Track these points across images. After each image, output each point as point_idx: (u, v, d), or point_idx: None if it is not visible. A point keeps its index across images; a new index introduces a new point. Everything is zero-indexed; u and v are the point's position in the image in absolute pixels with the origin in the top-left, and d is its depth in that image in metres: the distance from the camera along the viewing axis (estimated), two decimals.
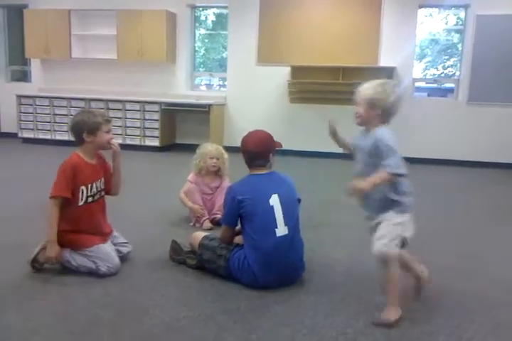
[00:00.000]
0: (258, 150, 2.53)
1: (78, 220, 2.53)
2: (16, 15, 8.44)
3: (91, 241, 2.53)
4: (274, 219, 2.39)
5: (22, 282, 2.40)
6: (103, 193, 2.68)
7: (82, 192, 2.52)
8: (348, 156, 2.67)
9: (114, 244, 2.67)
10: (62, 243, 2.49)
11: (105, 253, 2.51)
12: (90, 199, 2.57)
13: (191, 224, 3.52)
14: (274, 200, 2.42)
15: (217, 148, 3.64)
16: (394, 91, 2.24)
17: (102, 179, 2.66)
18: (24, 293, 2.28)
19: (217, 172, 3.62)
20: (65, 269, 2.53)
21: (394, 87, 2.26)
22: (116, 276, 2.50)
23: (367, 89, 2.24)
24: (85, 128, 2.52)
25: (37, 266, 2.51)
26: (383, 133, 2.28)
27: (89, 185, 2.55)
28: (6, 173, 5.41)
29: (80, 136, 2.53)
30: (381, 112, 2.26)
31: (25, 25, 7.97)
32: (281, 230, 2.40)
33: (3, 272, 2.52)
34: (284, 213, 2.42)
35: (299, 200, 2.60)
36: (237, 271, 2.42)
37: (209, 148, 3.64)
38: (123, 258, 2.68)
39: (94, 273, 2.48)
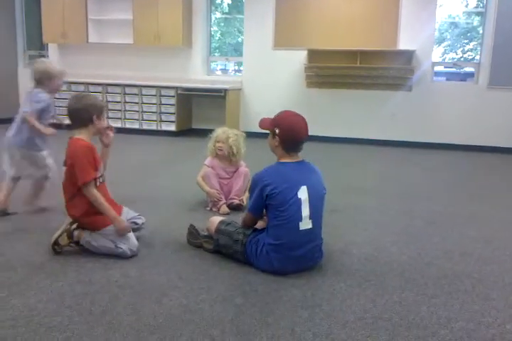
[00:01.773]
0: (307, 135, 2.42)
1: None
2: (33, 0, 8.46)
3: (108, 220, 2.56)
4: (300, 213, 2.33)
5: (43, 264, 2.44)
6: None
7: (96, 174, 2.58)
8: (363, 142, 2.64)
9: (128, 220, 2.69)
10: (83, 225, 2.55)
11: None
12: (100, 179, 2.63)
13: (208, 208, 3.54)
14: (303, 192, 2.34)
15: (225, 132, 3.61)
16: None
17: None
18: (44, 274, 2.32)
19: (227, 158, 3.61)
20: (85, 252, 2.57)
21: None
22: (134, 258, 2.54)
23: None
24: (95, 112, 2.56)
25: (57, 248, 2.55)
26: None
27: (99, 167, 2.62)
28: None
29: (88, 119, 2.56)
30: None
31: (42, 10, 7.97)
32: (305, 224, 2.34)
33: (25, 255, 2.57)
34: (310, 207, 2.35)
35: (325, 192, 2.51)
36: (254, 257, 2.42)
37: (218, 131, 3.65)
38: (139, 228, 2.78)
39: (113, 254, 2.52)
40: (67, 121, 2.75)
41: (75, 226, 2.57)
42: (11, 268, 2.36)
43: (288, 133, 2.39)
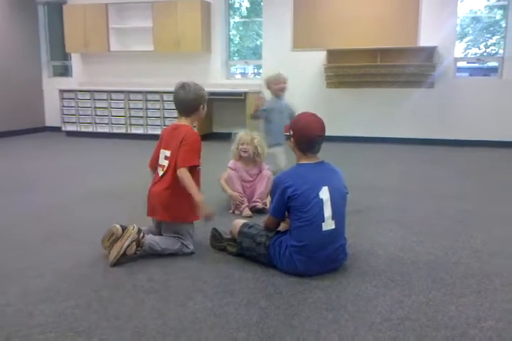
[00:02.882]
0: (322, 135, 2.42)
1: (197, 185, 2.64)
2: (56, 11, 8.66)
3: (195, 214, 2.62)
4: (322, 213, 2.31)
5: (70, 270, 2.48)
6: None
7: None
8: (386, 140, 2.61)
9: None
10: (178, 215, 2.65)
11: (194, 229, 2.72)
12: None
13: (230, 211, 3.55)
14: (324, 193, 2.33)
15: (248, 134, 3.65)
16: None
17: None
18: (72, 280, 2.36)
19: (253, 159, 3.62)
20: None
21: None
22: (158, 262, 2.56)
23: None
24: (204, 101, 2.74)
25: (122, 259, 2.52)
26: None
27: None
28: (55, 165, 5.60)
29: (197, 107, 2.73)
30: None
31: (64, 21, 8.16)
32: (328, 224, 2.33)
33: (52, 261, 2.62)
34: (332, 207, 2.33)
35: (346, 192, 2.49)
36: (277, 259, 2.42)
37: (241, 133, 3.67)
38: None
39: (178, 253, 2.64)
40: None
41: (142, 234, 2.56)
42: (39, 275, 2.41)
43: (300, 133, 2.42)
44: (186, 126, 2.69)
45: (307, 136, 2.40)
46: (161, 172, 2.66)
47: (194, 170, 2.63)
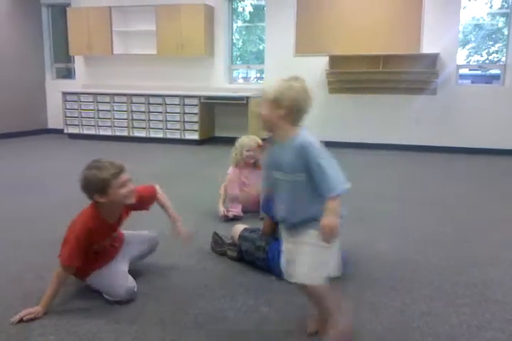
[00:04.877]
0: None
1: (88, 263, 2.20)
2: (59, 14, 8.69)
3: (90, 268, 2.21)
4: None
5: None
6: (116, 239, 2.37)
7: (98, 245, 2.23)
8: (387, 147, 2.60)
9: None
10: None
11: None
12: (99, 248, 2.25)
13: (221, 215, 3.48)
14: None
15: (254, 140, 3.61)
16: (303, 86, 1.74)
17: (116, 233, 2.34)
18: (73, 284, 2.34)
19: (255, 164, 3.61)
20: None
21: (301, 82, 1.75)
22: (159, 268, 2.55)
23: (270, 86, 1.75)
24: (94, 189, 2.10)
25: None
26: (306, 137, 1.72)
27: (101, 242, 2.24)
28: (57, 167, 5.60)
29: (92, 197, 2.14)
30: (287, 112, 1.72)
31: (68, 24, 8.19)
32: None
33: (53, 264, 2.61)
34: None
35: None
36: (276, 264, 2.40)
37: (245, 140, 3.63)
38: (153, 250, 2.55)
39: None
40: None
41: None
42: (38, 278, 2.41)
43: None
44: (85, 214, 2.19)
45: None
46: None
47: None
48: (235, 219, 3.43)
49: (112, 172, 2.09)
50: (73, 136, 8.12)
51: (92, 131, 8.09)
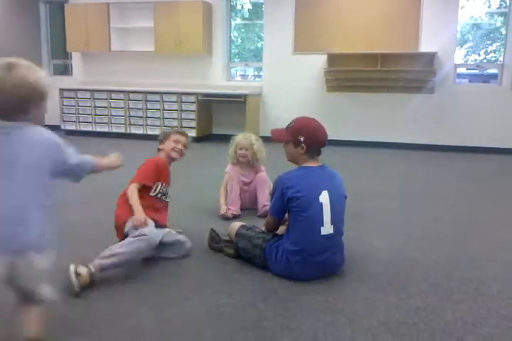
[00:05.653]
0: (326, 139, 2.43)
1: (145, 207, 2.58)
2: (57, 10, 8.67)
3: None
4: (322, 217, 2.31)
5: (67, 269, 2.47)
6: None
7: (157, 187, 2.73)
8: (385, 145, 2.62)
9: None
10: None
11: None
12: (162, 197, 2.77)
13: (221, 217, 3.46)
14: (324, 197, 2.32)
15: (247, 139, 3.59)
16: None
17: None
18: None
19: (249, 163, 3.61)
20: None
21: None
22: (155, 263, 2.55)
23: None
24: (161, 137, 2.89)
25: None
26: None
27: (163, 182, 2.77)
28: None
29: (159, 143, 2.88)
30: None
31: (66, 20, 8.16)
32: (327, 229, 2.32)
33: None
34: (332, 211, 2.32)
35: (345, 197, 2.49)
36: (273, 262, 2.41)
37: (239, 138, 3.63)
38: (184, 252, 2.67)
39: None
40: None
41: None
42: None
43: (314, 139, 2.39)
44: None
45: (320, 139, 2.41)
46: None
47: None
48: (234, 217, 3.43)
49: (175, 131, 2.86)
50: (70, 133, 8.10)
51: (89, 128, 8.07)
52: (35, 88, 1.58)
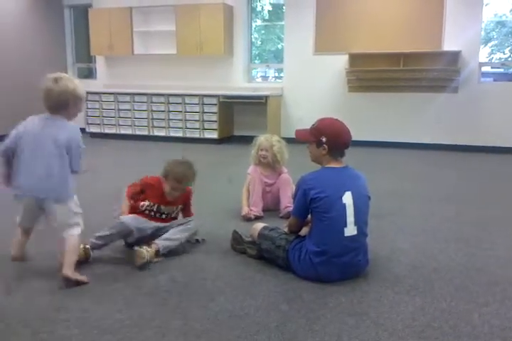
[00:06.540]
0: (349, 140, 2.44)
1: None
2: (81, 14, 8.82)
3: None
4: (345, 218, 2.30)
5: (94, 269, 2.52)
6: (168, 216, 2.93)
7: (144, 204, 2.83)
8: (408, 146, 2.59)
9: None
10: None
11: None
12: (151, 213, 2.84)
13: (243, 218, 3.47)
14: (347, 198, 2.31)
15: (268, 140, 3.61)
16: None
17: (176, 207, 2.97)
18: (97, 279, 2.39)
19: (272, 165, 3.62)
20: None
21: None
22: (180, 264, 2.59)
23: None
24: (164, 172, 2.88)
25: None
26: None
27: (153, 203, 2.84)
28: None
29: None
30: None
31: (90, 24, 8.31)
32: (350, 230, 2.31)
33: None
34: (355, 213, 2.31)
35: (369, 198, 2.48)
36: (296, 263, 2.41)
37: (261, 139, 3.65)
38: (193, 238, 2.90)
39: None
40: None
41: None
42: None
43: (336, 140, 2.40)
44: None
45: (344, 141, 2.42)
46: None
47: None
48: (256, 218, 3.45)
49: (174, 176, 2.82)
50: (94, 135, 8.23)
51: (112, 130, 8.19)
52: (74, 94, 2.38)
